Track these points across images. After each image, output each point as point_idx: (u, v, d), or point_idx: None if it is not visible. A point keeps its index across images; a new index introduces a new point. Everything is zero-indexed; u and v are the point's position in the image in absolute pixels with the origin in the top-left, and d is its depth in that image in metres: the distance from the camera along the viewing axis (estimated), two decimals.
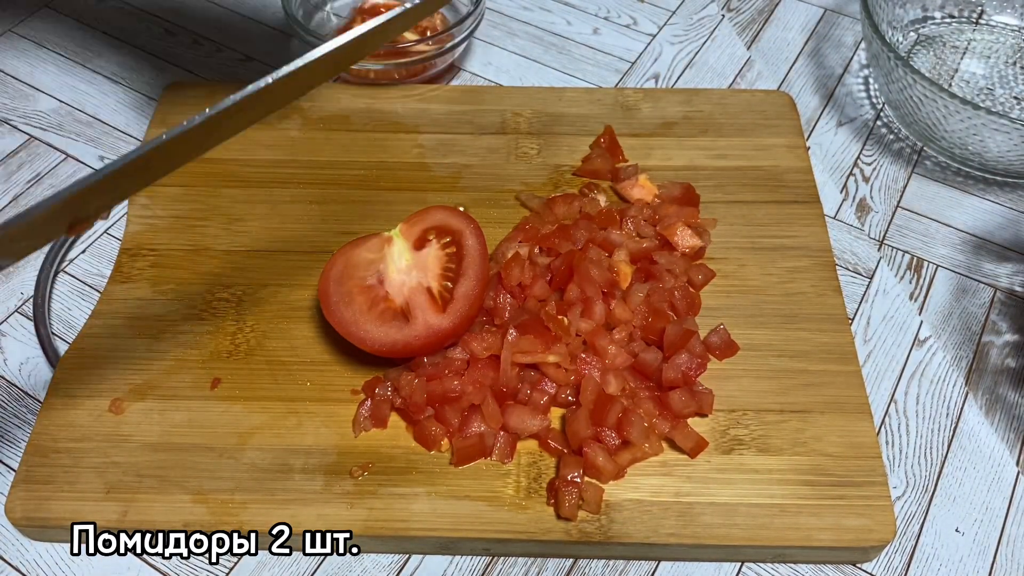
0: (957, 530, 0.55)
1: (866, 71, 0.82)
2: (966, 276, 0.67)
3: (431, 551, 0.53)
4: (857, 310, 0.65)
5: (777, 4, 0.88)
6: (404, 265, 0.58)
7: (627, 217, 0.64)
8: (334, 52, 0.50)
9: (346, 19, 0.82)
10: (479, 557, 0.54)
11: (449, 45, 0.75)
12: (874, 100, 0.79)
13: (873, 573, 0.53)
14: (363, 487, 0.53)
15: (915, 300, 0.66)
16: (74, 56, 0.82)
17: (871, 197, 0.72)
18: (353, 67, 0.74)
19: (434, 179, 0.69)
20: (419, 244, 0.59)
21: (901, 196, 0.72)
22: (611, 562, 0.53)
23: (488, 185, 0.69)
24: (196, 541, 0.52)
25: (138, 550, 0.53)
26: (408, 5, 0.53)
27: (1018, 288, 0.66)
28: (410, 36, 0.77)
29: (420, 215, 0.60)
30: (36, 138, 0.75)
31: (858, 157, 0.75)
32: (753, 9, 0.88)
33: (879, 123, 0.77)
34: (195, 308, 0.61)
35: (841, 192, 0.72)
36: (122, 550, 0.53)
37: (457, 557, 0.54)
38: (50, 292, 0.65)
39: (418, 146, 0.71)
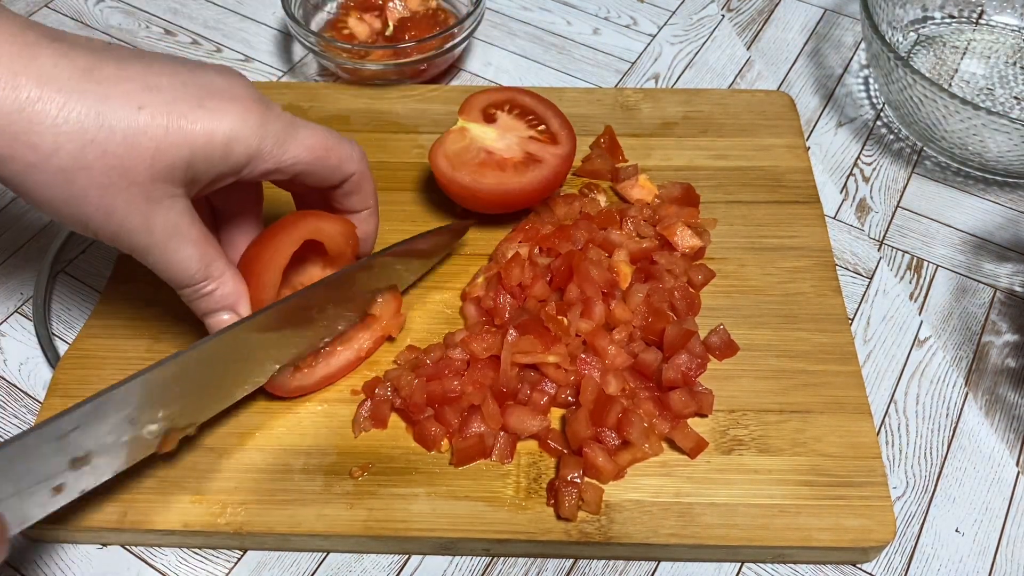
0: (957, 530, 0.55)
1: (866, 71, 0.82)
2: (966, 276, 0.67)
3: (431, 551, 0.53)
4: (857, 310, 0.65)
5: (777, 4, 0.88)
6: (495, 135, 0.64)
7: (627, 217, 0.64)
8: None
9: (335, 15, 0.81)
10: (479, 557, 0.54)
11: (449, 45, 0.75)
12: (874, 100, 0.79)
13: (873, 573, 0.53)
14: (363, 487, 0.53)
15: (915, 300, 0.66)
16: None
17: (871, 197, 0.72)
18: (352, 67, 0.74)
19: (434, 179, 0.69)
20: (488, 120, 0.65)
21: (901, 196, 0.72)
22: (611, 562, 0.53)
23: None
24: (195, 541, 0.52)
25: (138, 550, 0.53)
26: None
27: (1018, 288, 0.66)
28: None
29: (470, 101, 0.65)
30: None
31: (858, 157, 0.75)
32: (753, 9, 0.88)
33: (879, 123, 0.77)
34: None
35: (841, 192, 0.72)
36: (122, 550, 0.53)
37: (457, 557, 0.54)
38: (50, 292, 0.65)
39: (418, 146, 0.71)
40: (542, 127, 0.65)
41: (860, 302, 0.65)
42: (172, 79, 0.46)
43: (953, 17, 0.83)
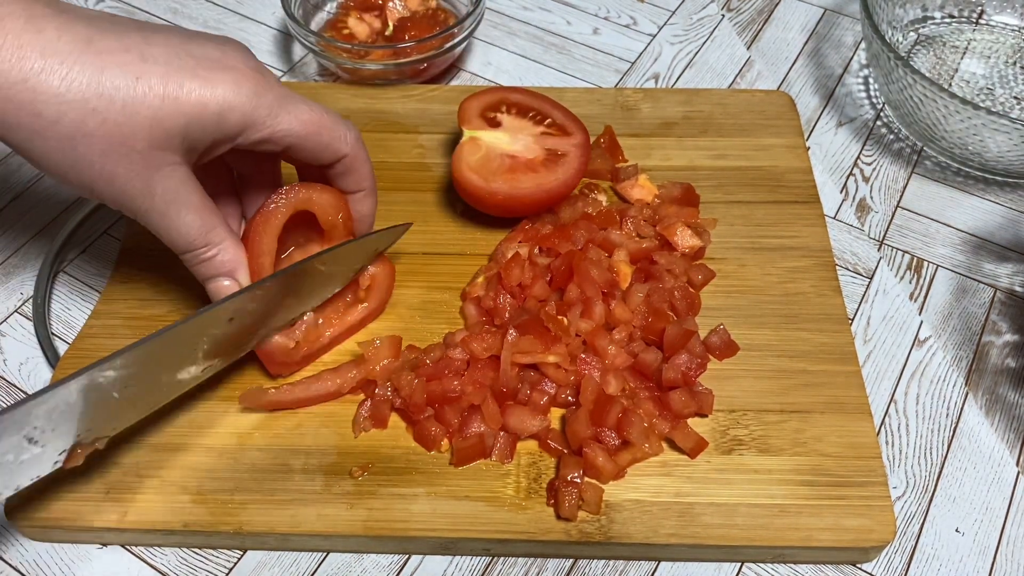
0: (957, 530, 0.55)
1: (866, 71, 0.82)
2: (966, 276, 0.67)
3: (431, 551, 0.53)
4: (857, 310, 0.65)
5: (777, 4, 0.88)
6: (508, 138, 0.63)
7: (627, 217, 0.64)
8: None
9: (335, 15, 0.81)
10: (479, 557, 0.54)
11: (449, 45, 0.75)
12: (874, 100, 0.79)
13: (873, 573, 0.53)
14: (363, 487, 0.53)
15: (915, 300, 0.66)
16: None
17: (871, 197, 0.72)
18: (352, 67, 0.74)
19: (434, 179, 0.69)
20: (491, 124, 0.65)
21: (901, 196, 0.72)
22: (611, 562, 0.53)
23: None
24: (195, 541, 0.52)
25: (138, 550, 0.53)
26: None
27: (1018, 288, 0.66)
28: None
29: (464, 108, 0.65)
30: None
31: (858, 157, 0.75)
32: (753, 9, 0.88)
33: (879, 123, 0.77)
34: (195, 308, 0.61)
35: (841, 192, 0.72)
36: (122, 550, 0.53)
37: (457, 557, 0.54)
38: (50, 292, 0.65)
39: (418, 146, 0.71)
40: (548, 121, 0.65)
41: (860, 302, 0.65)
42: (168, 50, 0.48)
43: (953, 17, 0.83)
